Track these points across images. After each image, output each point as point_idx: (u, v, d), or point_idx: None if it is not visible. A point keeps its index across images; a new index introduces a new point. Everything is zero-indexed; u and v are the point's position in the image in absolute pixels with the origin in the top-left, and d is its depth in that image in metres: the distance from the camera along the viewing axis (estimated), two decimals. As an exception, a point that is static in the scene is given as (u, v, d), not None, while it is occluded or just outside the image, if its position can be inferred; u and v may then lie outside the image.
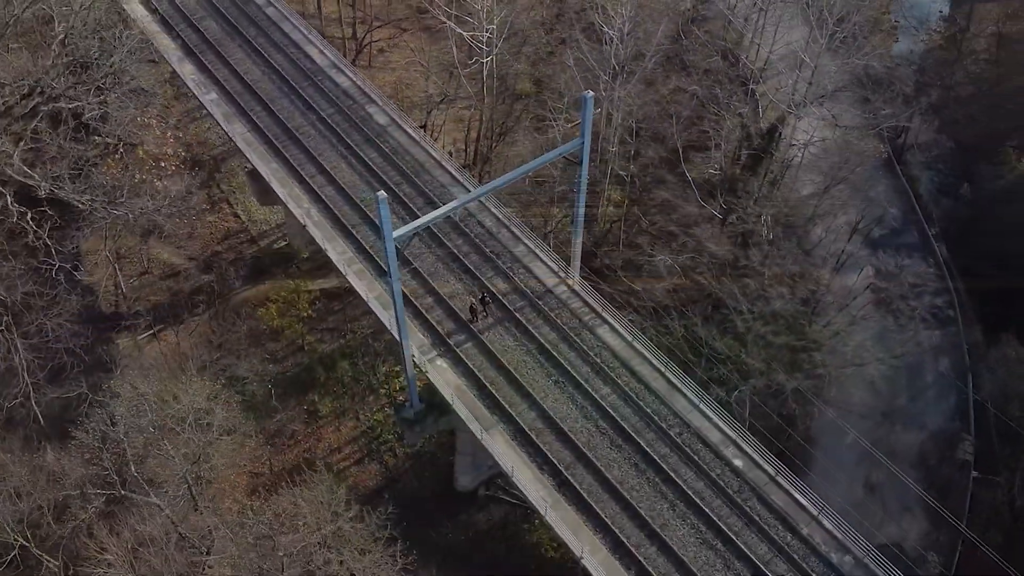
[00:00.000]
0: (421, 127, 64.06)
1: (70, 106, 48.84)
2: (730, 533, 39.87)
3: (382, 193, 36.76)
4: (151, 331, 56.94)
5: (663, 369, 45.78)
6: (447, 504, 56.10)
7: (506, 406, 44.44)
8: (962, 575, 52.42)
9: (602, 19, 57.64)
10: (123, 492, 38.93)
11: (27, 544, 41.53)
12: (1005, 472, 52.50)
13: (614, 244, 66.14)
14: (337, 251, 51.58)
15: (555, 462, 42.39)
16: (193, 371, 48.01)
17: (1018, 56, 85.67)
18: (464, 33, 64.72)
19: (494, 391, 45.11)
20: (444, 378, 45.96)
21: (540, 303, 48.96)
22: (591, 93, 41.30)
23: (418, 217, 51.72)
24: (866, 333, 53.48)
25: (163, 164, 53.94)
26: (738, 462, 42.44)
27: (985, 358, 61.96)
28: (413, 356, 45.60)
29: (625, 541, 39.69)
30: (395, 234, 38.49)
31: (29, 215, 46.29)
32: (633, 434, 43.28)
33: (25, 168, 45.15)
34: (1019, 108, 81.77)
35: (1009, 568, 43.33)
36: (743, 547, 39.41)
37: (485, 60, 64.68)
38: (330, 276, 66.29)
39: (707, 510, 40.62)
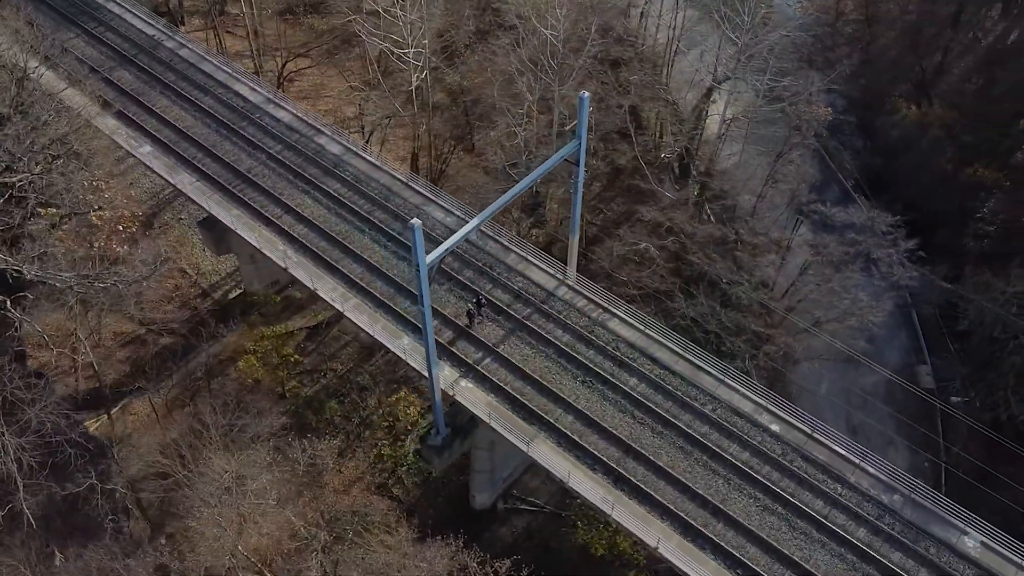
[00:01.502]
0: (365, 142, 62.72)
1: (12, 179, 44.69)
2: (786, 495, 41.49)
3: (416, 220, 36.09)
4: (146, 399, 53.05)
5: (682, 351, 46.98)
6: (467, 524, 55.24)
7: (542, 414, 44.41)
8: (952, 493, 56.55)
9: (539, 22, 58.17)
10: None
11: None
12: (979, 387, 56.84)
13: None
14: (328, 288, 49.81)
15: (605, 460, 42.77)
16: (216, 437, 45.19)
17: (884, 13, 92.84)
18: (393, 50, 63.74)
19: (526, 402, 44.95)
20: (474, 397, 45.38)
21: (546, 307, 49.10)
22: (587, 93, 41.71)
23: (401, 241, 51.58)
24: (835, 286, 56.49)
25: (121, 228, 50.28)
26: (775, 427, 44.16)
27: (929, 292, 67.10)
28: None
29: (693, 523, 40.53)
30: (428, 258, 37.84)
31: (8, 302, 42.07)
32: (671, 419, 44.20)
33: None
34: (891, 63, 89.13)
35: (1013, 445, 46.93)
36: (802, 505, 41.12)
37: (417, 75, 63.98)
38: (295, 318, 64.08)
39: (759, 477, 42.08)
